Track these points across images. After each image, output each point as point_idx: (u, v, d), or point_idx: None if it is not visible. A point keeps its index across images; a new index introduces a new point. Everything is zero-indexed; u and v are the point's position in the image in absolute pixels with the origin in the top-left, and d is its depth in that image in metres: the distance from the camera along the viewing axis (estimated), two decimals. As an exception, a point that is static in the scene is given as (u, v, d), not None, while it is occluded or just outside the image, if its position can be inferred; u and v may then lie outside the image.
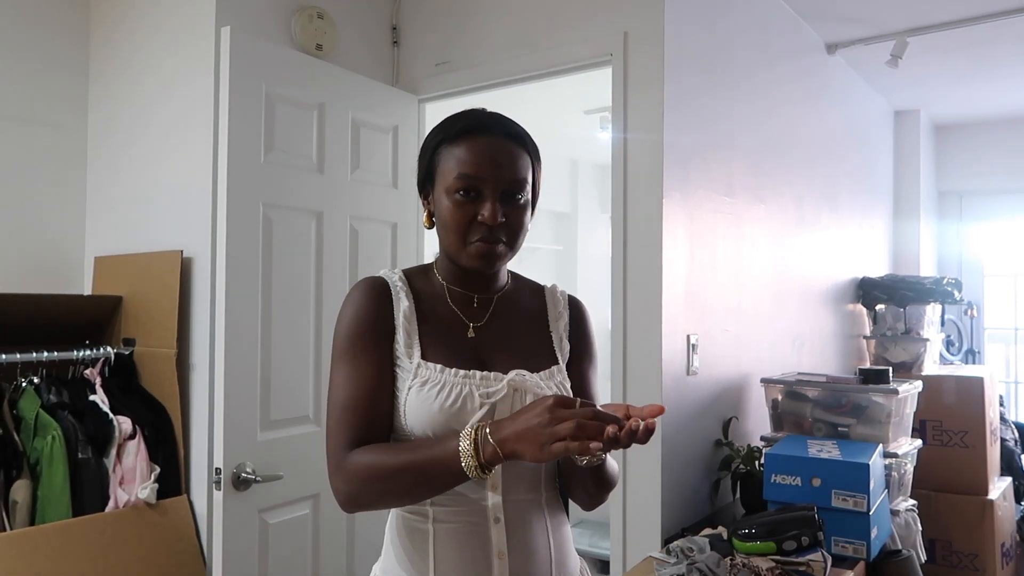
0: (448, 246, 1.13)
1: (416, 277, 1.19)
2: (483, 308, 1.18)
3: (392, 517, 1.15)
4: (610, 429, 0.89)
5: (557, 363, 1.19)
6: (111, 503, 2.06)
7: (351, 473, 1.05)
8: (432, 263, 1.22)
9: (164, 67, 2.32)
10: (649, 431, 0.90)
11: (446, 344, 1.13)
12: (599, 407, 0.95)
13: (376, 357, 1.10)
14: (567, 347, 1.22)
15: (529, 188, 1.13)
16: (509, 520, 1.10)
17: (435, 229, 1.17)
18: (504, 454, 0.95)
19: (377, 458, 1.04)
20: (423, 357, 1.11)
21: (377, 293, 1.13)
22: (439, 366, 1.10)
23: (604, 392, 1.18)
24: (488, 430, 0.96)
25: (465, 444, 0.97)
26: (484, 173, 1.09)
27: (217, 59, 2.08)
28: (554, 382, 1.15)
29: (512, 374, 1.10)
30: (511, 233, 1.11)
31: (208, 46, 2.16)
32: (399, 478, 1.03)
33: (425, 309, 1.15)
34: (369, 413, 1.08)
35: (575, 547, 1.23)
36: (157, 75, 2.34)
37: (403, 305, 1.13)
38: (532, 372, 1.13)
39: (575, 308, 1.27)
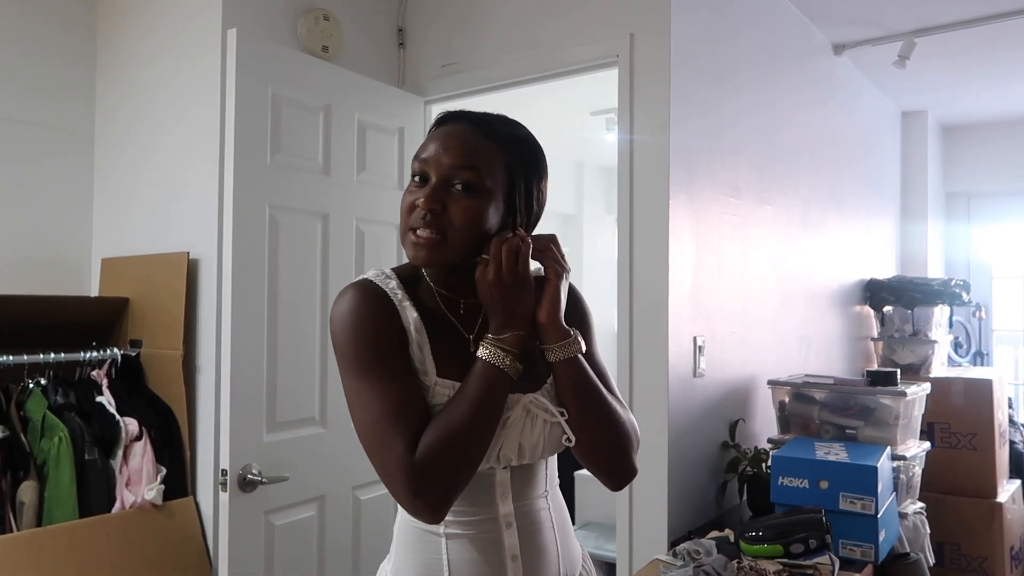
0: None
1: (409, 283, 1.10)
2: (470, 314, 1.10)
3: (401, 518, 1.13)
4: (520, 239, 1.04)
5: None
6: (117, 504, 2.07)
7: (429, 463, 0.96)
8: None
9: (170, 69, 2.33)
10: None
11: (454, 359, 1.06)
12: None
13: (405, 363, 1.03)
14: None
15: (485, 178, 1.03)
16: (521, 524, 1.10)
17: None
18: (521, 330, 1.03)
19: (438, 432, 0.98)
20: (438, 375, 1.05)
21: (378, 298, 1.05)
22: (456, 384, 1.04)
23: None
24: (489, 336, 1.02)
25: (493, 356, 1.01)
26: (430, 155, 1.04)
27: (223, 61, 2.09)
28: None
29: (528, 399, 1.07)
30: (445, 224, 1.01)
31: (214, 48, 2.16)
32: (470, 428, 0.98)
33: (427, 319, 1.07)
34: (421, 417, 1.00)
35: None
36: (163, 77, 2.35)
37: (411, 315, 1.06)
38: (538, 384, 1.09)
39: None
